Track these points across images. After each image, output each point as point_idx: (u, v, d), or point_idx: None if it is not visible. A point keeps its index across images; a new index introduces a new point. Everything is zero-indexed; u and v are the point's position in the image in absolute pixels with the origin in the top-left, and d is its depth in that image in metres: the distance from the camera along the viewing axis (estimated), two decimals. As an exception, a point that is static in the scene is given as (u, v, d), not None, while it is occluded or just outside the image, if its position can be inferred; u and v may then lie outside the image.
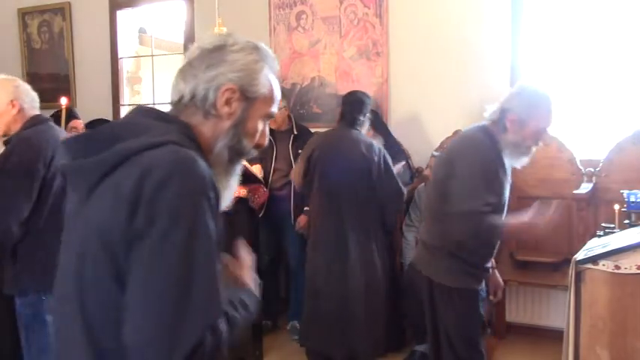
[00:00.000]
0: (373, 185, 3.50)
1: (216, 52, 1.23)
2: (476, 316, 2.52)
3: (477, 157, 2.38)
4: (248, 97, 1.23)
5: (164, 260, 1.02)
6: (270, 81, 1.27)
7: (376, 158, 3.50)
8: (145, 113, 1.21)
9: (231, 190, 1.30)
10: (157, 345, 1.01)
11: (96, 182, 1.10)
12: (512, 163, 2.50)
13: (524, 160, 2.50)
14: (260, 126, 1.28)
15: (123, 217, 1.04)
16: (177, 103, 1.23)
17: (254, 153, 1.31)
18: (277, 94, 1.29)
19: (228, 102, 1.22)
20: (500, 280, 2.78)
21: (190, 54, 1.25)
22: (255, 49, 1.26)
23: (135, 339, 1.02)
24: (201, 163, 1.10)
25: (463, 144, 2.54)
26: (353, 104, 3.65)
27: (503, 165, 2.42)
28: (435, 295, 2.53)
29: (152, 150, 1.08)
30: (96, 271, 1.07)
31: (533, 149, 2.47)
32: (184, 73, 1.23)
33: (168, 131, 1.14)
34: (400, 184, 3.60)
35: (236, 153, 1.26)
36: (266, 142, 1.32)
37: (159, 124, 1.16)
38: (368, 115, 3.68)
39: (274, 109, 1.30)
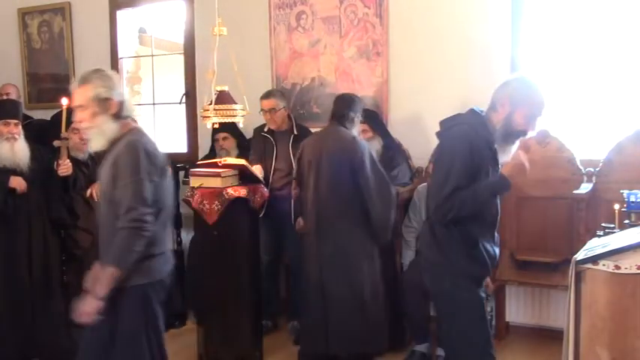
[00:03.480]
0: (358, 179, 3.43)
1: (505, 85, 2.51)
2: None
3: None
4: (512, 104, 2.43)
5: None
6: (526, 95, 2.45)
7: (359, 152, 3.44)
8: (471, 112, 2.54)
9: (508, 155, 2.47)
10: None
11: None
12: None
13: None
14: (522, 120, 2.42)
15: None
16: (488, 109, 2.51)
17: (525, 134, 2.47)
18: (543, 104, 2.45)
19: (503, 106, 2.45)
20: None
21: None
22: (520, 80, 2.52)
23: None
24: (471, 134, 2.43)
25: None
26: (342, 101, 3.67)
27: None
28: None
29: (458, 126, 2.49)
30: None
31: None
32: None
33: (470, 120, 2.48)
34: (388, 180, 3.57)
35: (508, 134, 2.44)
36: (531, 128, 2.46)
37: (470, 116, 2.51)
38: (359, 114, 3.66)
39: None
